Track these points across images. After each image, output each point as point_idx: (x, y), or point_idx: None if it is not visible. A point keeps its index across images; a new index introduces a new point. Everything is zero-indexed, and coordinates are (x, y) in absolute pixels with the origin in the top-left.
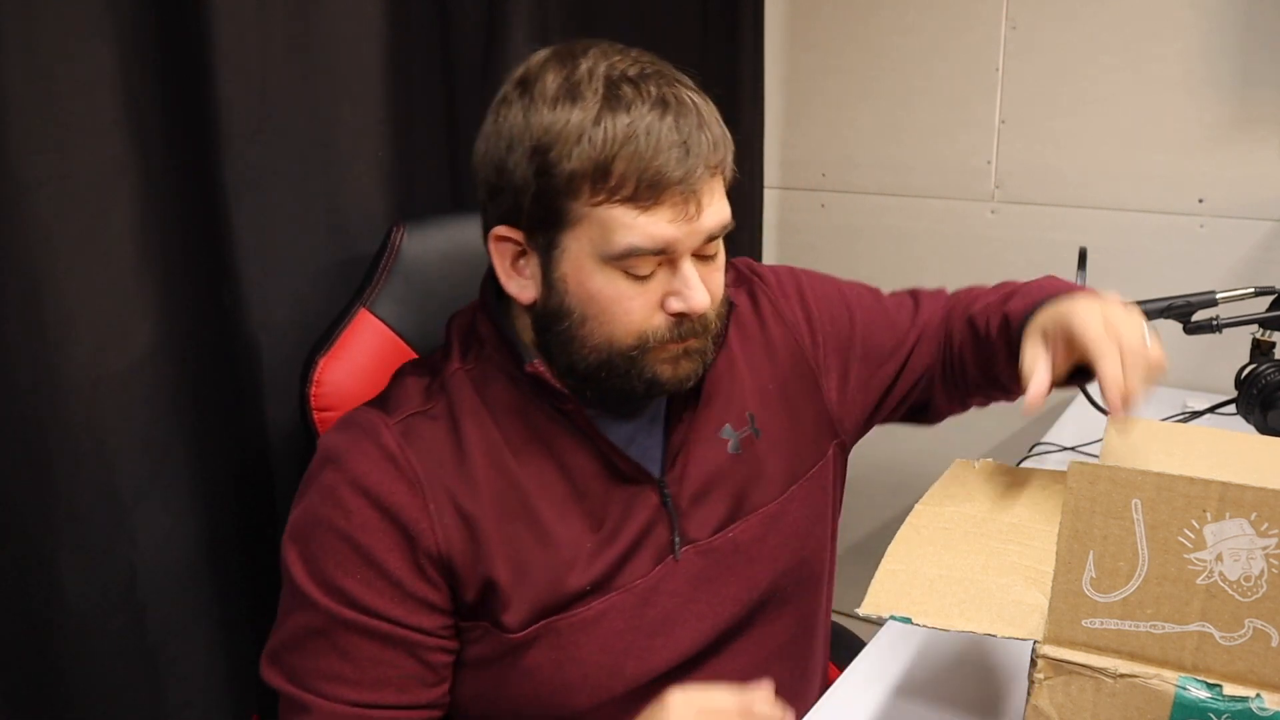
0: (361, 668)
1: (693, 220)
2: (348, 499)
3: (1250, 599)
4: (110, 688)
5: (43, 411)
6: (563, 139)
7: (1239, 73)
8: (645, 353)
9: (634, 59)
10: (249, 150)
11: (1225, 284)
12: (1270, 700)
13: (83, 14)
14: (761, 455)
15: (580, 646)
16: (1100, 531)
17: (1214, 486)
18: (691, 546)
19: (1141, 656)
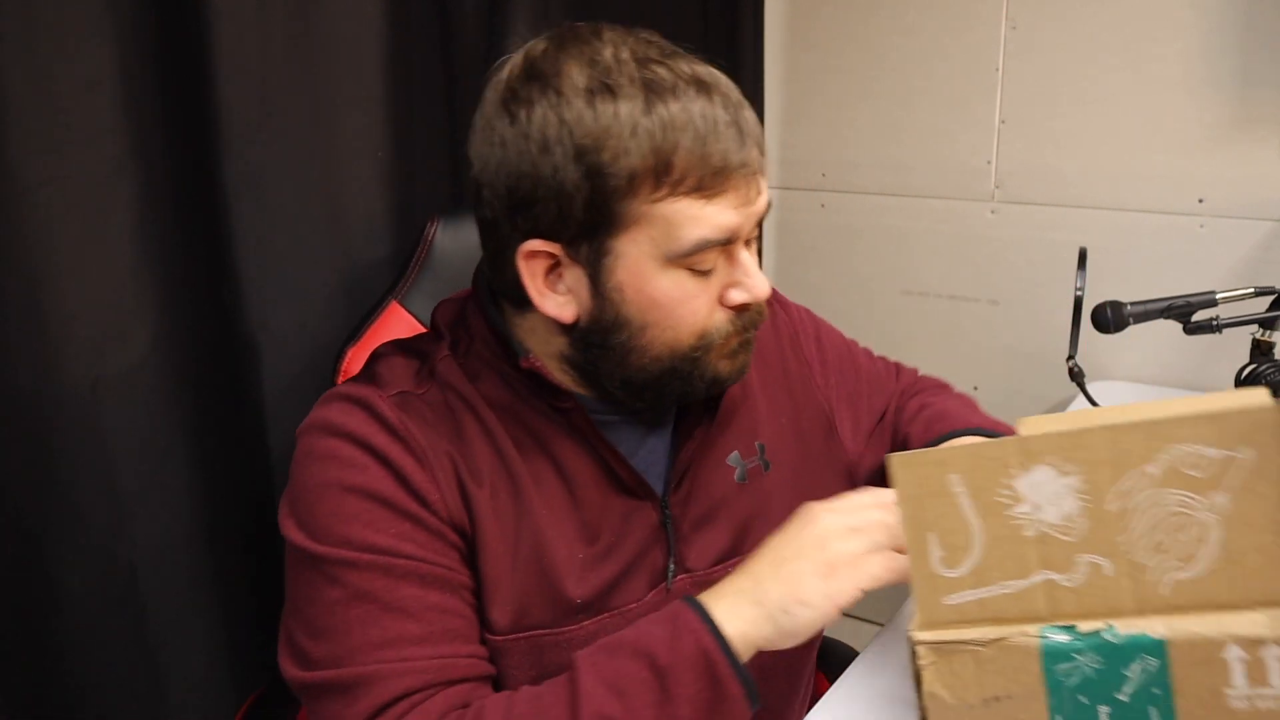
0: (427, 620)
1: (752, 203)
2: (356, 456)
3: (1075, 538)
4: (110, 687)
5: (43, 411)
6: (614, 135)
7: (1239, 73)
8: (708, 351)
9: (648, 40)
10: (249, 150)
11: (1225, 284)
12: (1121, 626)
13: (83, 14)
14: (769, 490)
15: (562, 668)
16: (933, 513)
17: (1012, 443)
18: (688, 576)
19: (1003, 618)
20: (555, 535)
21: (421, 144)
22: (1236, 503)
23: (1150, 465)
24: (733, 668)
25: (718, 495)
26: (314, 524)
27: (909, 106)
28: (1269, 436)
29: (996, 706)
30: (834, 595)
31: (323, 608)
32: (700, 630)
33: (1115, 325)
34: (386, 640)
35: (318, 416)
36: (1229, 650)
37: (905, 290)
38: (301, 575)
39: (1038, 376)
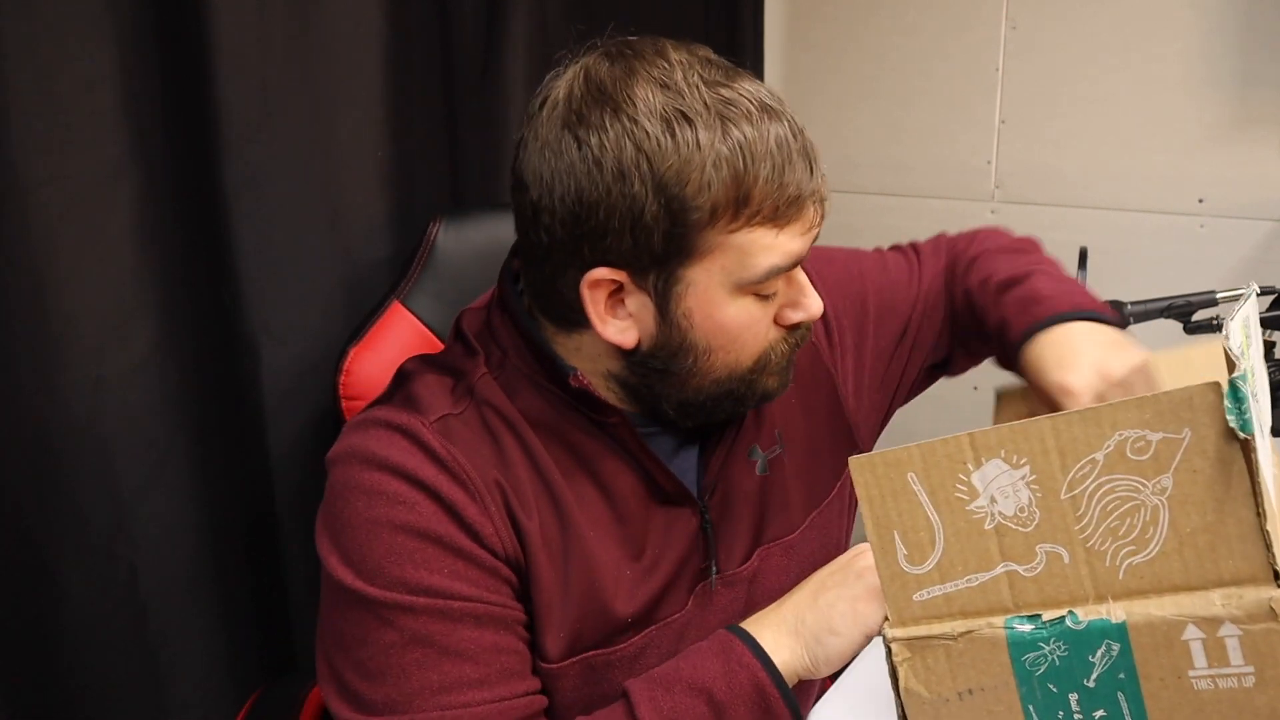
0: (485, 661)
1: (817, 226)
2: (403, 492)
3: (1031, 527)
4: (111, 687)
5: (44, 411)
6: (696, 166)
7: (1239, 73)
8: (763, 372)
9: (704, 58)
10: (249, 150)
11: (1225, 284)
12: (1082, 613)
13: (83, 14)
14: (786, 477)
15: (614, 685)
16: (894, 511)
17: (963, 439)
18: (719, 576)
19: (970, 611)
20: (603, 555)
21: (421, 144)
22: (1180, 484)
23: (1097, 452)
24: (785, 701)
25: (744, 493)
26: (365, 565)
27: (909, 106)
28: (1205, 416)
29: (970, 699)
30: (863, 622)
31: (377, 650)
32: (754, 665)
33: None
34: (445, 685)
35: (356, 445)
36: (1188, 631)
37: None
38: (351, 614)
39: None
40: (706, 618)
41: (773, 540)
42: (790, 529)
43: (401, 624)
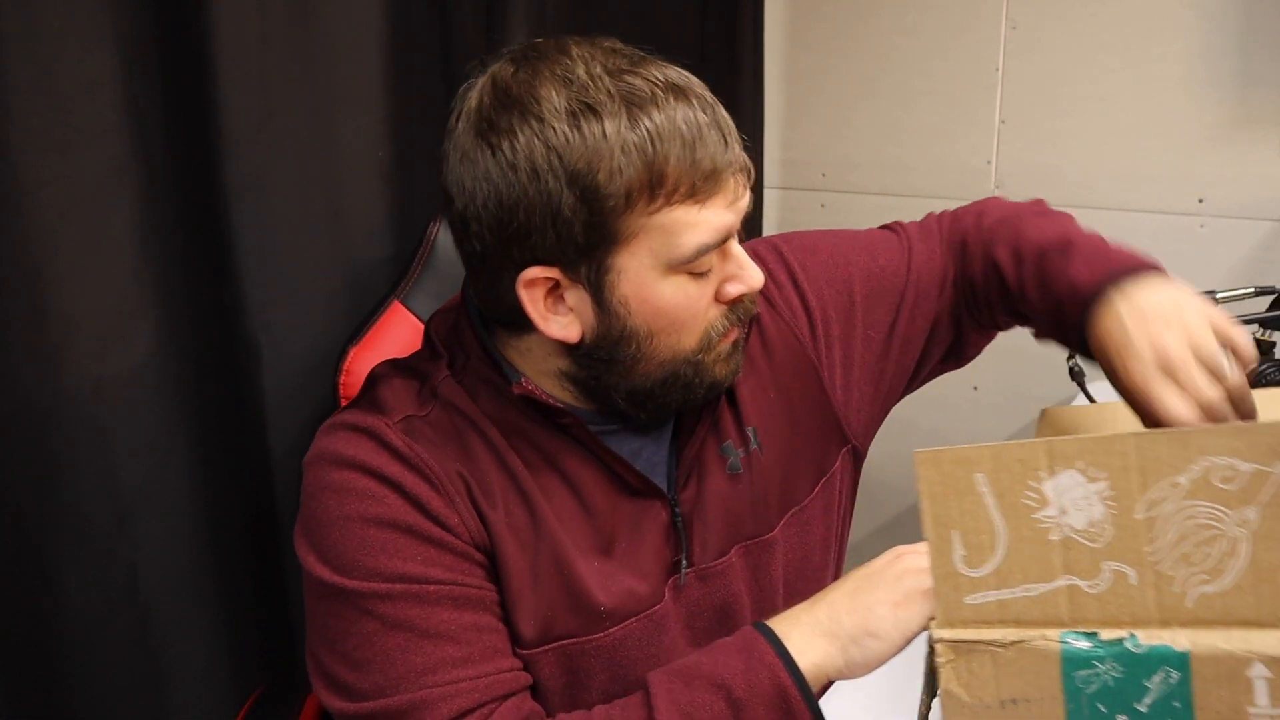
0: (466, 641)
1: (741, 198)
2: (371, 488)
3: (1100, 544)
4: (112, 689)
5: (44, 411)
6: (605, 155)
7: (1239, 73)
8: (708, 352)
9: (609, 49)
10: (249, 150)
11: (1225, 284)
12: (1144, 636)
13: (83, 14)
14: (762, 475)
15: (592, 675)
16: (957, 511)
17: (1039, 445)
18: (693, 570)
19: (1025, 621)
20: (572, 545)
21: (421, 144)
22: (1267, 519)
23: (1181, 476)
24: (806, 703)
25: (716, 489)
26: (341, 559)
27: (909, 106)
28: None
29: (1013, 709)
30: (904, 626)
31: (360, 640)
32: (776, 665)
33: None
34: (430, 666)
35: (324, 447)
36: (1253, 668)
37: None
38: (331, 609)
39: (1038, 376)
40: (679, 609)
41: (749, 539)
42: (768, 528)
43: (380, 612)
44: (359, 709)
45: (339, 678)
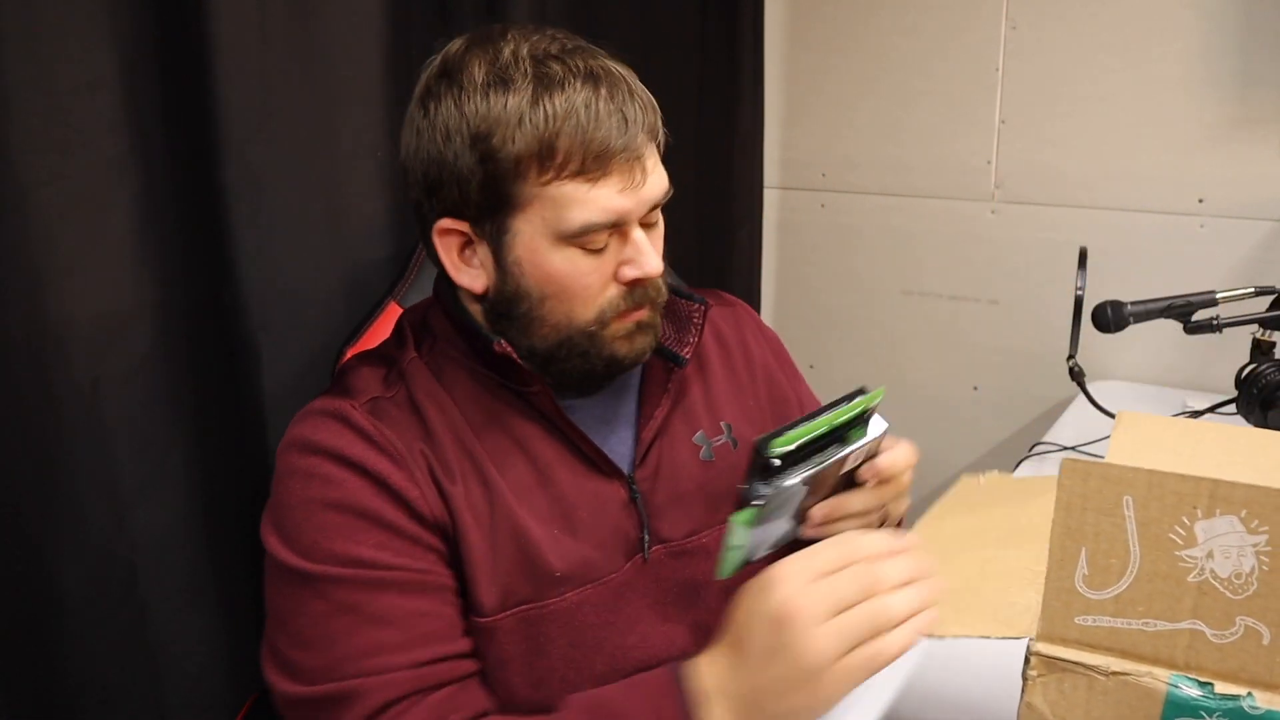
0: (406, 626)
1: (639, 188)
2: (332, 472)
3: (1241, 596)
4: (109, 687)
5: (44, 411)
6: (503, 124)
7: (1239, 73)
8: (604, 327)
9: (553, 37)
10: (249, 150)
11: (1225, 284)
12: (1261, 698)
13: (83, 14)
14: (737, 465)
15: (553, 639)
16: (1092, 529)
17: (1204, 483)
18: (663, 546)
19: (1134, 654)
20: (529, 516)
21: None
22: None
23: None
24: None
25: (684, 472)
26: (300, 542)
27: (909, 106)
28: None
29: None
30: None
31: (309, 620)
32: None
33: (1115, 325)
34: (368, 650)
35: (294, 434)
36: None
37: (905, 290)
38: (286, 589)
39: (1038, 376)
40: (645, 582)
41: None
42: None
43: (331, 594)
44: (299, 692)
45: (286, 656)
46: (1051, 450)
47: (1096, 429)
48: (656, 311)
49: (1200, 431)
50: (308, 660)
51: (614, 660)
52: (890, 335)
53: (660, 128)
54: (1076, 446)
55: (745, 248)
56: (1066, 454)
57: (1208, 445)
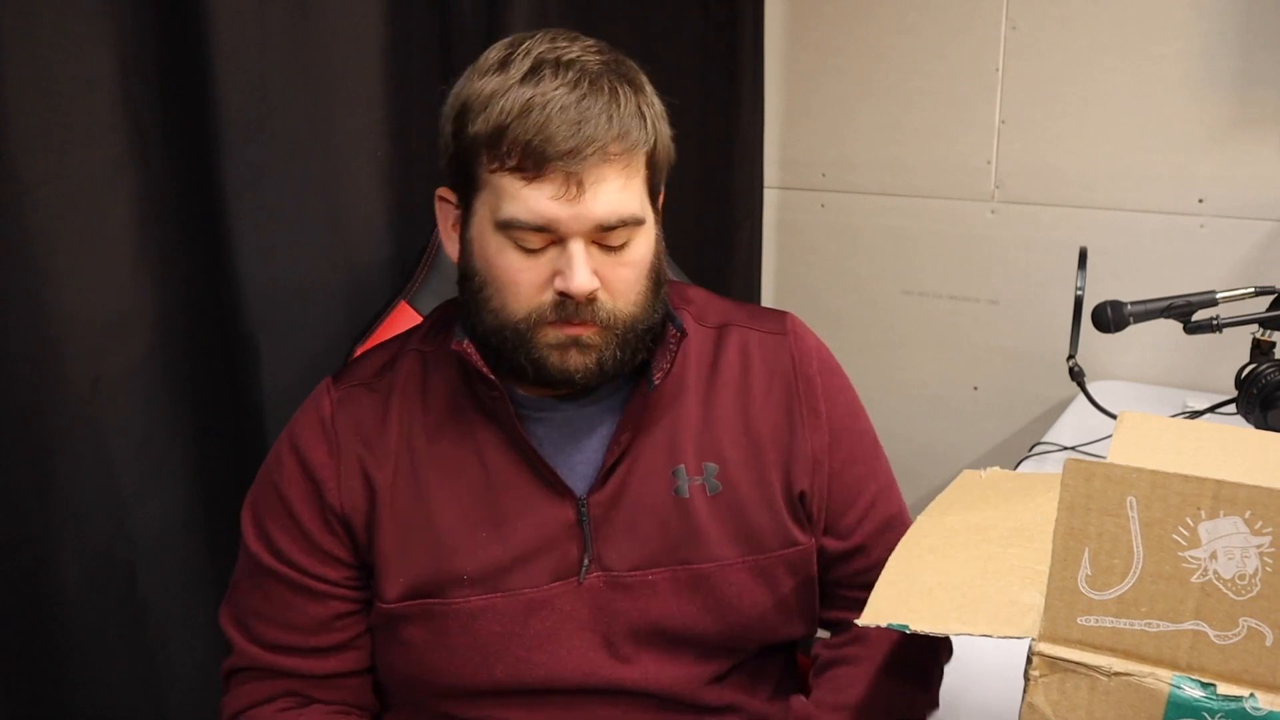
0: (276, 609)
1: (575, 201)
2: (284, 456)
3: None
4: (109, 686)
5: (43, 411)
6: (476, 105)
7: (1239, 73)
8: (532, 329)
9: (584, 47)
10: (249, 150)
11: (1225, 284)
12: (1264, 700)
13: (83, 14)
14: (709, 513)
15: (452, 635)
16: (1095, 529)
17: (1208, 484)
18: (603, 574)
19: (1136, 655)
20: (452, 515)
21: (421, 144)
22: None
23: None
24: None
25: (649, 504)
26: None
27: (909, 106)
28: None
29: None
30: None
31: (239, 567)
32: None
33: (1115, 325)
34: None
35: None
36: None
37: (905, 290)
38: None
39: (1038, 376)
40: (571, 604)
41: (682, 563)
42: (708, 559)
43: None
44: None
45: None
46: (1052, 450)
47: (1097, 429)
48: (605, 335)
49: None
50: (231, 596)
51: (515, 672)
52: (890, 335)
53: (642, 161)
54: (1076, 446)
55: (745, 248)
56: (1067, 454)
57: (1209, 446)
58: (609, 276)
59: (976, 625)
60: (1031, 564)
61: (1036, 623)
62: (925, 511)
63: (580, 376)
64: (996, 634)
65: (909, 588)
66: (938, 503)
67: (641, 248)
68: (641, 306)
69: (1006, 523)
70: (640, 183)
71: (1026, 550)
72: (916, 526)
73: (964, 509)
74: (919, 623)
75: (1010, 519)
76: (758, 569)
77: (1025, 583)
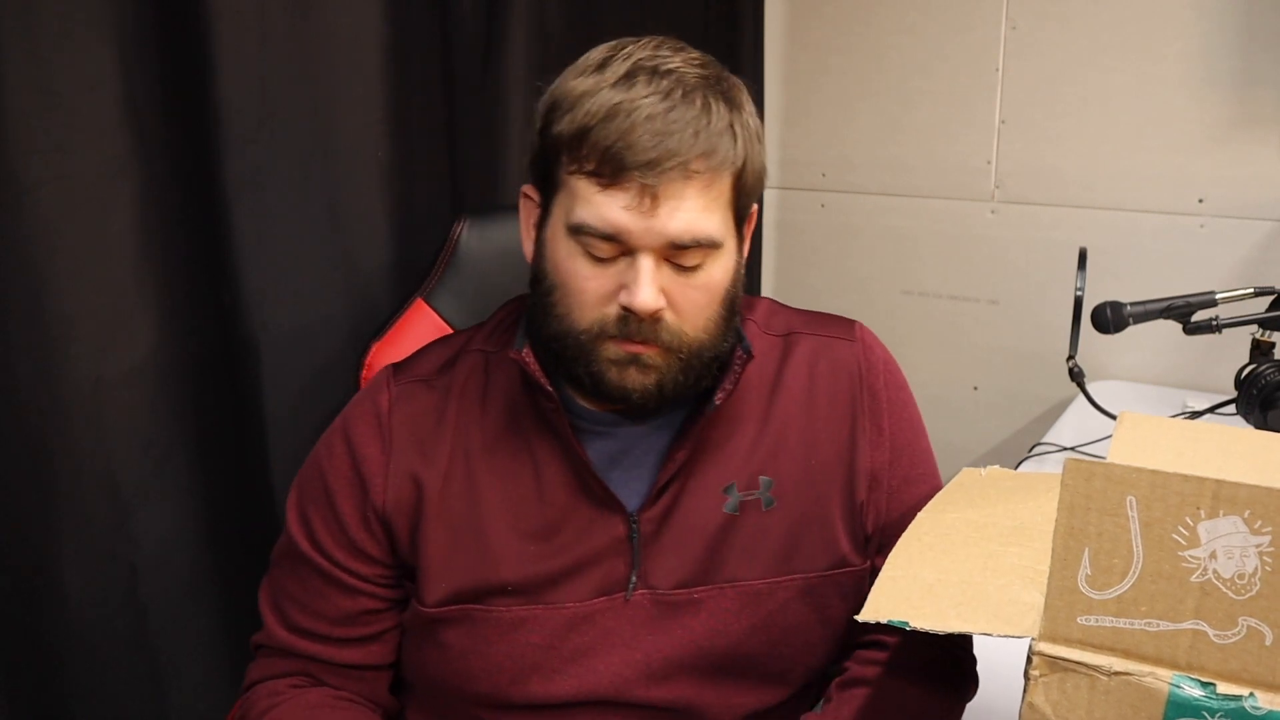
0: (308, 595)
1: (649, 215)
2: (335, 444)
3: (1244, 597)
4: (111, 688)
5: (44, 411)
6: (564, 104)
7: (1239, 72)
8: (594, 341)
9: (687, 59)
10: (249, 150)
11: (1225, 284)
12: (1264, 699)
13: (83, 14)
14: (765, 528)
15: (491, 643)
16: (1095, 528)
17: (1208, 484)
18: (649, 592)
19: (1136, 654)
20: (502, 523)
21: (421, 144)
22: None
23: None
24: None
25: (698, 521)
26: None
27: (909, 106)
28: None
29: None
30: None
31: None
32: None
33: (1115, 325)
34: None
35: (354, 400)
36: None
37: (905, 290)
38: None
39: (1038, 376)
40: (614, 621)
41: (729, 581)
42: (755, 576)
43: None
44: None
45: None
46: (1051, 451)
47: (1096, 429)
48: (668, 357)
49: (1201, 432)
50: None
51: (548, 684)
52: (890, 335)
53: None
54: (1076, 447)
55: None
56: (1066, 454)
57: (1209, 446)
58: (678, 297)
59: (977, 623)
60: (1031, 563)
61: (1036, 622)
62: (925, 508)
63: (638, 396)
64: (997, 632)
65: (909, 584)
66: (938, 500)
67: (717, 272)
68: (710, 333)
69: (1006, 521)
70: (724, 204)
71: (1026, 549)
72: (916, 523)
73: (964, 506)
74: (918, 619)
75: (1010, 518)
76: (806, 588)
77: (1025, 582)
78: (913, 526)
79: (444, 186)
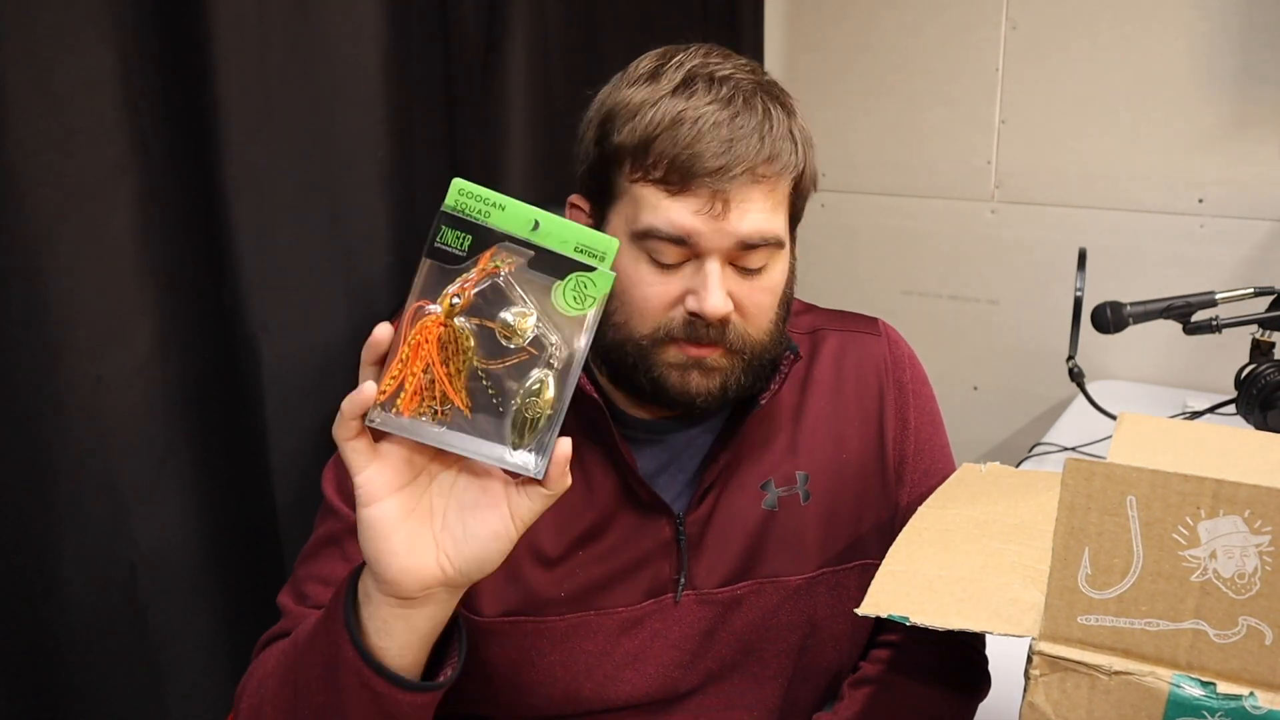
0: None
1: (719, 218)
2: None
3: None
4: (111, 688)
5: (44, 411)
6: (623, 113)
7: (1239, 72)
8: (656, 346)
9: (736, 65)
10: (249, 150)
11: (1225, 284)
12: (1264, 698)
13: (83, 14)
14: (802, 521)
15: (542, 655)
16: (1095, 528)
17: (1208, 483)
18: (694, 593)
19: (1136, 654)
20: (553, 533)
21: (421, 144)
22: None
23: None
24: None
25: (739, 520)
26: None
27: (909, 107)
28: None
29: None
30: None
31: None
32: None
33: (1115, 326)
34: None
35: None
36: None
37: (905, 290)
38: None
39: (1038, 376)
40: (663, 624)
41: (769, 577)
42: (794, 571)
43: (330, 522)
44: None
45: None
46: (1051, 451)
47: (1096, 429)
48: (732, 359)
49: (1201, 433)
50: (296, 570)
51: (602, 690)
52: None
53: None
54: (1076, 447)
55: None
56: (1067, 454)
57: (1209, 446)
58: (744, 300)
59: (977, 621)
60: (1031, 562)
61: (1037, 622)
62: (925, 503)
63: (701, 400)
64: (997, 631)
65: (910, 579)
66: (938, 495)
67: (778, 273)
68: (771, 335)
69: (1006, 519)
70: (785, 207)
71: (1026, 548)
72: (917, 517)
73: (964, 503)
74: (919, 615)
75: (1010, 515)
76: (837, 582)
77: (1025, 581)
78: (913, 521)
79: (444, 186)
